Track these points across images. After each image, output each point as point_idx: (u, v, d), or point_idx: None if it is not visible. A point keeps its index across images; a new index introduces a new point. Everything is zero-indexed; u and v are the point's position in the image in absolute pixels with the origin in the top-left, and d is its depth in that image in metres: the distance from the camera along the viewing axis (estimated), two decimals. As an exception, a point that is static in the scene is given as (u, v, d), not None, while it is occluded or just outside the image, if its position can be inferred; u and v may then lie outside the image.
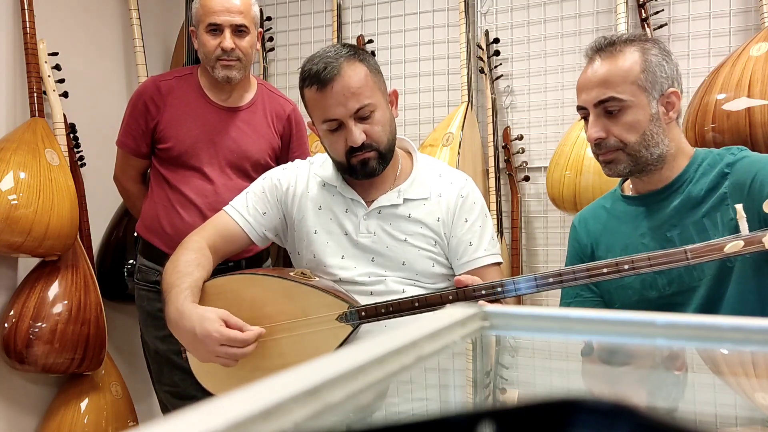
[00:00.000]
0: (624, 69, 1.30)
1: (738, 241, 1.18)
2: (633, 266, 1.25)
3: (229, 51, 1.92)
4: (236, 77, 1.96)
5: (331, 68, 1.43)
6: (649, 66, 1.31)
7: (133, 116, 2.01)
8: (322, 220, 1.56)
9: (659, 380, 0.68)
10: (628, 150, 1.32)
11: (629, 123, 1.30)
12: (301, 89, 1.50)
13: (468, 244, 1.53)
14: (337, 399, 0.41)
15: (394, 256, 1.52)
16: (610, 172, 1.36)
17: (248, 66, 2.00)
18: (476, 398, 0.65)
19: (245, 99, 2.04)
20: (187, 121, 1.98)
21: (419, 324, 0.57)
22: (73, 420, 2.20)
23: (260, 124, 2.02)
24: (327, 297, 1.42)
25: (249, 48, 1.96)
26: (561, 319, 0.68)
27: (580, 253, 1.50)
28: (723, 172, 1.32)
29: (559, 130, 2.54)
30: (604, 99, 1.30)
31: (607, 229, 1.45)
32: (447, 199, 1.55)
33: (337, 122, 1.45)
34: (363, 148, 1.46)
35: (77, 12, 2.50)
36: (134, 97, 2.04)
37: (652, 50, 1.33)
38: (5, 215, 1.94)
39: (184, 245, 1.54)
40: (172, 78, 2.04)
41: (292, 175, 1.63)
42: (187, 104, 1.99)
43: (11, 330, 2.06)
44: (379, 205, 1.54)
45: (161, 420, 0.33)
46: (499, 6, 2.65)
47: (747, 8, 2.31)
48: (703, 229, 1.31)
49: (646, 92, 1.31)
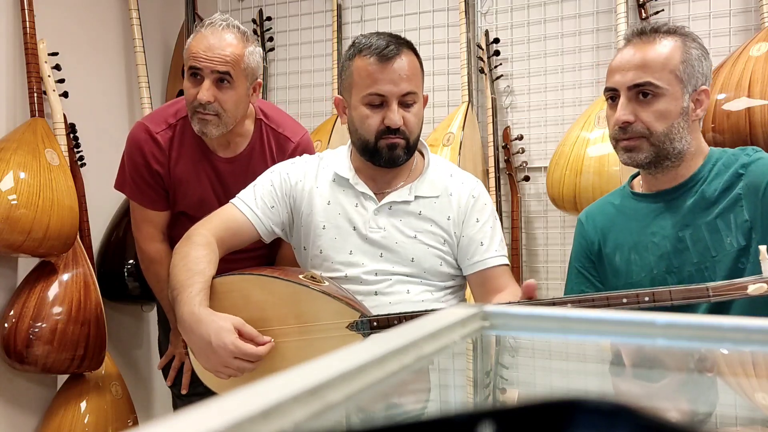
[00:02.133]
0: (664, 56, 1.29)
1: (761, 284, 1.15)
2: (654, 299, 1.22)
3: (205, 104, 1.65)
4: (213, 133, 1.70)
5: (395, 47, 1.49)
6: (689, 59, 1.30)
7: (137, 170, 1.82)
8: (330, 215, 1.56)
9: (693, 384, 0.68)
10: (653, 139, 1.29)
11: (660, 111, 1.28)
12: (349, 58, 1.52)
13: (479, 244, 1.53)
14: (337, 399, 0.41)
15: (403, 253, 1.52)
16: (630, 160, 1.33)
17: (230, 122, 1.72)
18: (476, 398, 0.65)
19: (244, 144, 1.83)
20: (191, 181, 1.82)
21: (419, 324, 0.57)
22: (73, 420, 2.20)
23: (261, 169, 1.71)
24: (338, 304, 1.41)
25: (232, 103, 1.68)
26: (561, 319, 0.68)
27: (586, 249, 1.48)
28: (737, 173, 1.30)
29: (559, 130, 2.54)
30: (640, 83, 1.28)
31: (615, 226, 1.43)
32: (458, 199, 1.56)
33: (381, 99, 1.48)
34: (397, 133, 1.48)
35: (77, 12, 2.50)
36: (132, 149, 1.82)
37: (692, 44, 1.32)
38: (5, 215, 1.94)
39: (191, 238, 1.51)
40: (167, 127, 1.81)
41: (301, 169, 1.62)
42: (189, 162, 1.81)
43: (11, 330, 2.06)
44: (390, 201, 1.54)
45: (161, 420, 0.33)
46: (499, 6, 2.65)
47: (747, 8, 2.31)
48: (716, 230, 1.29)
49: (682, 84, 1.29)
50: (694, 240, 1.31)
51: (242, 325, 1.36)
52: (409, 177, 1.58)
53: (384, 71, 1.47)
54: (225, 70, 1.66)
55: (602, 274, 1.45)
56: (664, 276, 1.32)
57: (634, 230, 1.39)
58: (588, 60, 2.53)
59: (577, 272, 1.49)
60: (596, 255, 1.45)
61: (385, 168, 1.54)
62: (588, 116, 2.27)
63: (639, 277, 1.35)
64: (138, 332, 2.68)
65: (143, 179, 1.82)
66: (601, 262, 1.45)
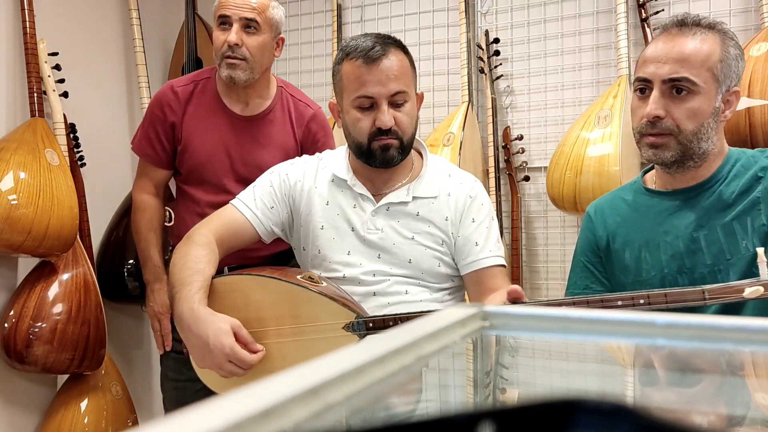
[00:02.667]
0: (704, 52, 1.24)
1: (758, 287, 1.13)
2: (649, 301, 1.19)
3: (233, 46, 1.81)
4: (241, 78, 1.84)
5: (381, 48, 1.47)
6: (727, 57, 1.25)
7: (152, 123, 1.94)
8: (329, 215, 1.56)
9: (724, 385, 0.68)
10: (681, 138, 1.25)
11: (693, 109, 1.24)
12: (338, 62, 1.52)
13: (474, 244, 1.53)
14: (337, 399, 0.41)
15: (401, 254, 1.52)
16: (655, 157, 1.28)
17: (257, 69, 1.86)
18: (476, 398, 0.65)
19: (264, 106, 1.94)
20: (203, 133, 1.91)
21: (419, 324, 0.57)
22: (73, 420, 2.20)
23: (278, 133, 1.92)
24: (334, 305, 1.41)
25: (258, 48, 1.84)
26: (561, 319, 0.68)
27: (594, 244, 1.43)
28: (757, 175, 1.27)
29: (559, 130, 2.54)
30: (677, 77, 1.23)
31: (626, 222, 1.39)
32: (456, 199, 1.55)
33: (371, 101, 1.47)
34: (389, 133, 1.48)
35: (77, 12, 2.50)
36: (152, 103, 1.97)
37: (731, 42, 1.27)
38: (5, 215, 1.94)
39: (192, 238, 1.52)
40: (190, 83, 1.95)
41: (300, 170, 1.63)
42: (203, 114, 1.92)
43: (11, 330, 2.06)
44: (387, 202, 1.54)
45: (161, 420, 0.33)
46: (499, 6, 2.65)
47: (747, 8, 2.31)
48: (732, 232, 1.26)
49: (717, 83, 1.25)
50: (708, 241, 1.27)
51: (239, 328, 1.37)
52: (407, 178, 1.58)
53: (371, 73, 1.46)
54: (252, 17, 1.83)
55: (609, 270, 1.41)
56: (675, 276, 1.29)
57: (646, 227, 1.35)
58: (588, 60, 2.53)
59: (582, 266, 1.45)
60: (604, 251, 1.41)
61: (381, 169, 1.54)
62: (588, 116, 2.27)
63: (649, 276, 1.32)
64: (138, 332, 2.68)
65: (155, 133, 1.94)
66: (608, 258, 1.41)
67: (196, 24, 2.74)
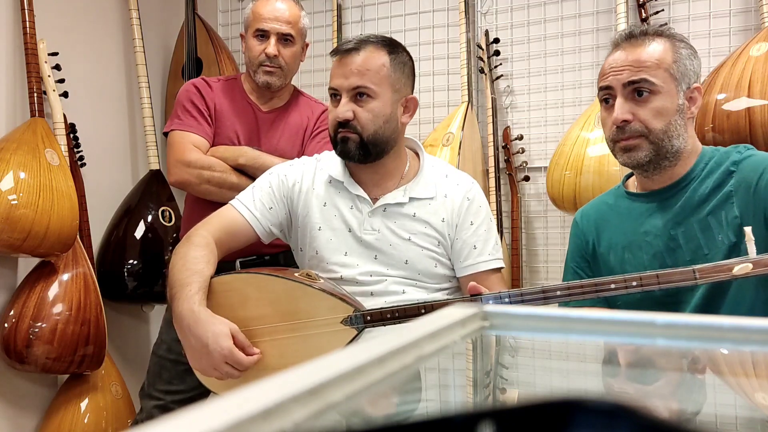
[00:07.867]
0: (657, 54, 1.31)
1: (746, 264, 1.17)
2: (641, 283, 1.23)
3: (272, 57, 1.97)
4: (276, 84, 2.00)
5: (356, 44, 1.51)
6: (680, 57, 1.31)
7: (190, 101, 2.01)
8: (326, 216, 1.57)
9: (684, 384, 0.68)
10: (652, 138, 1.30)
11: (657, 109, 1.29)
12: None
13: (472, 247, 1.54)
14: (337, 399, 0.41)
15: (397, 255, 1.52)
16: (629, 160, 1.33)
17: (289, 75, 2.04)
18: (476, 398, 0.65)
19: (282, 102, 2.09)
20: (230, 117, 2.02)
21: (419, 324, 0.58)
22: (73, 420, 2.20)
23: (294, 124, 2.05)
24: (332, 300, 1.41)
25: (292, 58, 2.02)
26: (561, 319, 0.68)
27: (581, 249, 1.49)
28: (729, 170, 1.31)
29: (559, 130, 2.54)
30: (635, 80, 1.29)
31: (609, 226, 1.45)
32: (453, 201, 1.56)
33: (336, 93, 1.52)
34: (346, 126, 1.50)
35: (77, 12, 2.50)
36: (186, 89, 2.04)
37: (680, 43, 1.34)
38: (5, 215, 1.94)
39: (191, 239, 1.53)
40: (217, 80, 2.10)
41: (299, 171, 1.64)
42: (231, 102, 2.04)
43: (11, 330, 2.06)
44: (384, 203, 1.55)
45: (161, 420, 0.33)
46: (499, 6, 2.65)
47: (747, 8, 2.31)
48: (708, 227, 1.30)
49: (676, 81, 1.30)
50: (686, 238, 1.32)
51: (237, 332, 1.38)
52: (403, 178, 1.59)
53: (339, 66, 1.52)
54: (288, 32, 1.98)
55: (597, 273, 1.46)
56: None
57: (627, 230, 1.40)
58: (588, 60, 2.53)
59: (573, 272, 1.50)
60: (591, 254, 1.47)
61: (372, 168, 1.56)
62: (588, 116, 2.27)
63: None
64: (138, 332, 2.68)
65: (194, 105, 2.01)
66: (596, 262, 1.47)
67: (196, 24, 2.74)
